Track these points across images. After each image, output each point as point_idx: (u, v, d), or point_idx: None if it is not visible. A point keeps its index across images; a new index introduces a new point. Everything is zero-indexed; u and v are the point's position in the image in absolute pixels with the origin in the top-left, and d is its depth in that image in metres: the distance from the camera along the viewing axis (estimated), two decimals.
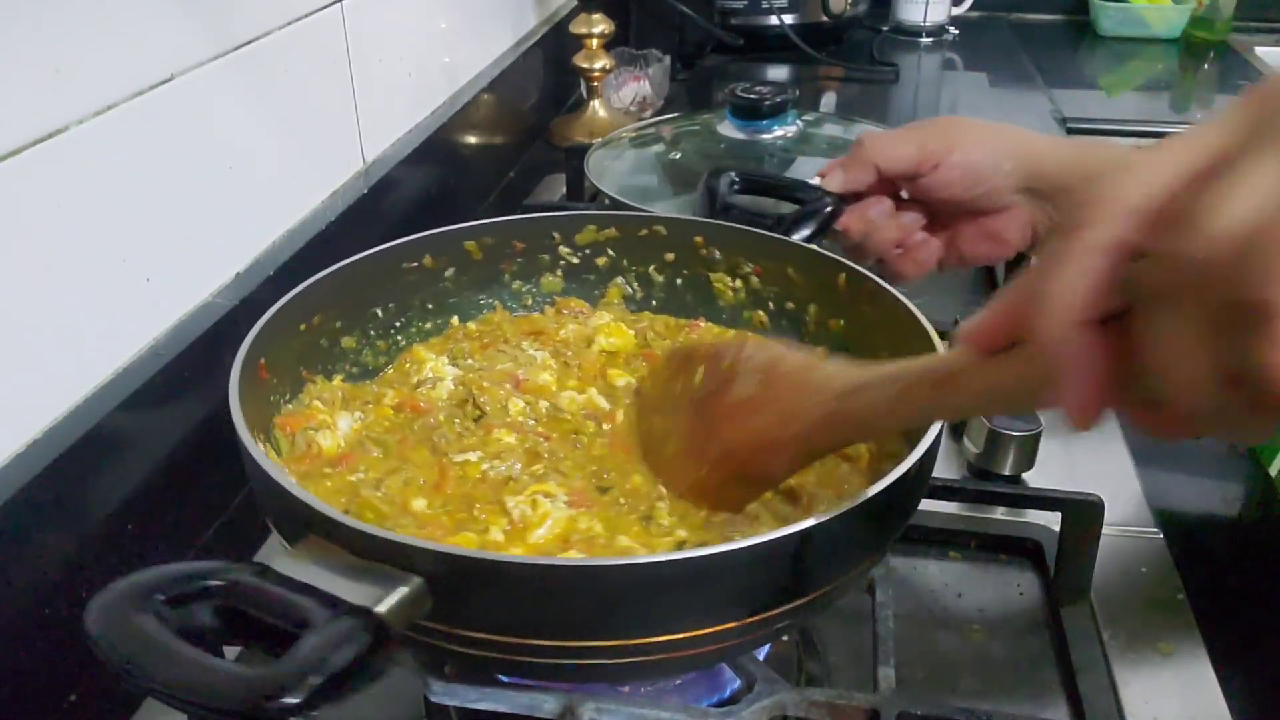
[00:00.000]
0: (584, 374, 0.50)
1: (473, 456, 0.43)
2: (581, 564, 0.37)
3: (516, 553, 0.38)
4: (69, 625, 0.48)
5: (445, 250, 0.58)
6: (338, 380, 0.49)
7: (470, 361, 0.51)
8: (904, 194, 0.63)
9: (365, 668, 0.33)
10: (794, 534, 0.36)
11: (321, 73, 0.75)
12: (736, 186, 0.67)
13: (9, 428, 0.48)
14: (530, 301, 0.61)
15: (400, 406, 0.47)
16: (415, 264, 0.57)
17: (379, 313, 0.55)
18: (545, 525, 0.40)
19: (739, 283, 0.60)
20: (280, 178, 0.70)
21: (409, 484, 0.43)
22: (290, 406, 0.48)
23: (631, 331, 0.56)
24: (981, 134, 0.60)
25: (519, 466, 0.43)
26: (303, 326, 0.51)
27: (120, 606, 0.34)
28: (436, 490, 0.42)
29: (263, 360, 0.47)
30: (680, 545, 0.40)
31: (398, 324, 0.56)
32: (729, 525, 0.42)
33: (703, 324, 0.60)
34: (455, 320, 0.56)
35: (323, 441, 0.44)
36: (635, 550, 0.39)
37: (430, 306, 0.58)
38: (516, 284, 0.61)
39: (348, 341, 0.53)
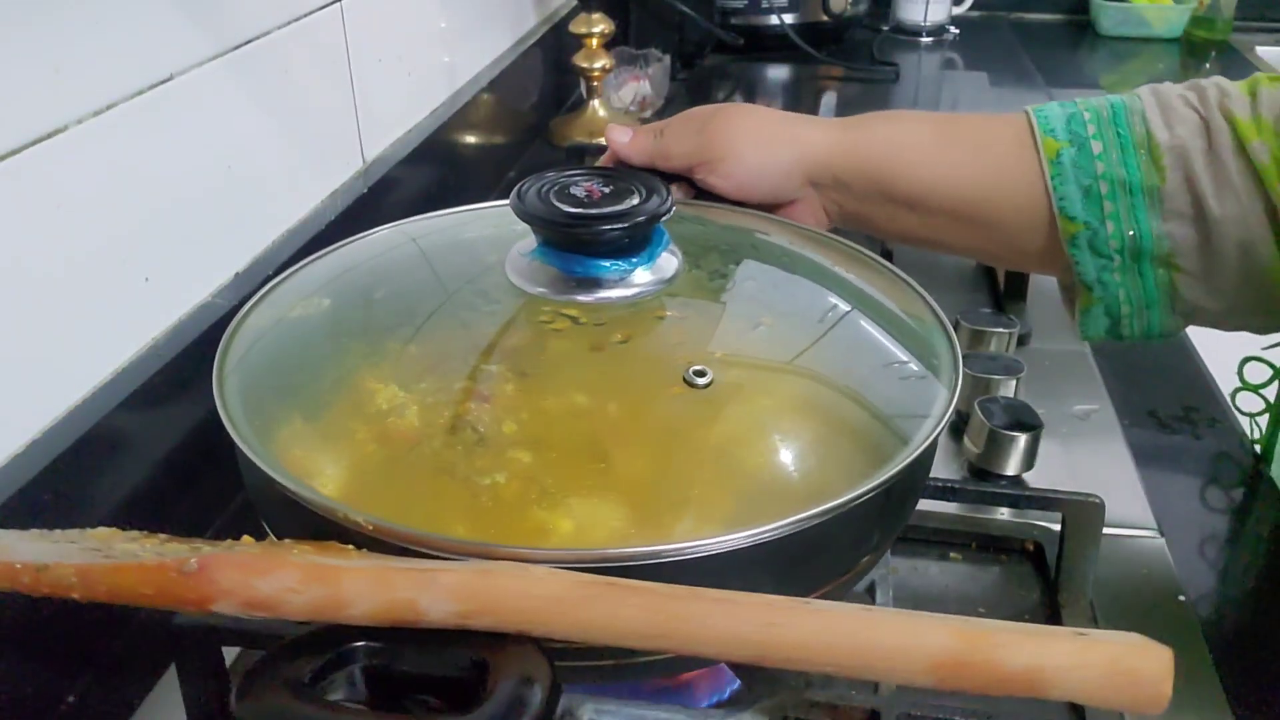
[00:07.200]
0: (547, 380, 0.46)
1: (500, 478, 0.41)
2: (645, 559, 0.37)
3: None
4: (67, 626, 0.48)
5: None
6: (298, 422, 0.45)
7: (423, 385, 0.46)
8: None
9: (559, 695, 0.30)
10: (821, 515, 0.38)
11: (321, 72, 0.75)
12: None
13: (9, 428, 0.48)
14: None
15: (383, 440, 0.44)
16: None
17: None
18: (587, 532, 0.40)
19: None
20: (280, 177, 0.70)
21: (440, 512, 0.41)
22: None
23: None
24: (760, 133, 0.58)
25: (543, 480, 0.41)
26: None
27: (271, 700, 0.31)
28: (471, 514, 0.40)
29: None
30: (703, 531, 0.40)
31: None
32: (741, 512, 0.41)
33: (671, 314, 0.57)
34: (392, 344, 0.48)
35: (322, 489, 0.42)
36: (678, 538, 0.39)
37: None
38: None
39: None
